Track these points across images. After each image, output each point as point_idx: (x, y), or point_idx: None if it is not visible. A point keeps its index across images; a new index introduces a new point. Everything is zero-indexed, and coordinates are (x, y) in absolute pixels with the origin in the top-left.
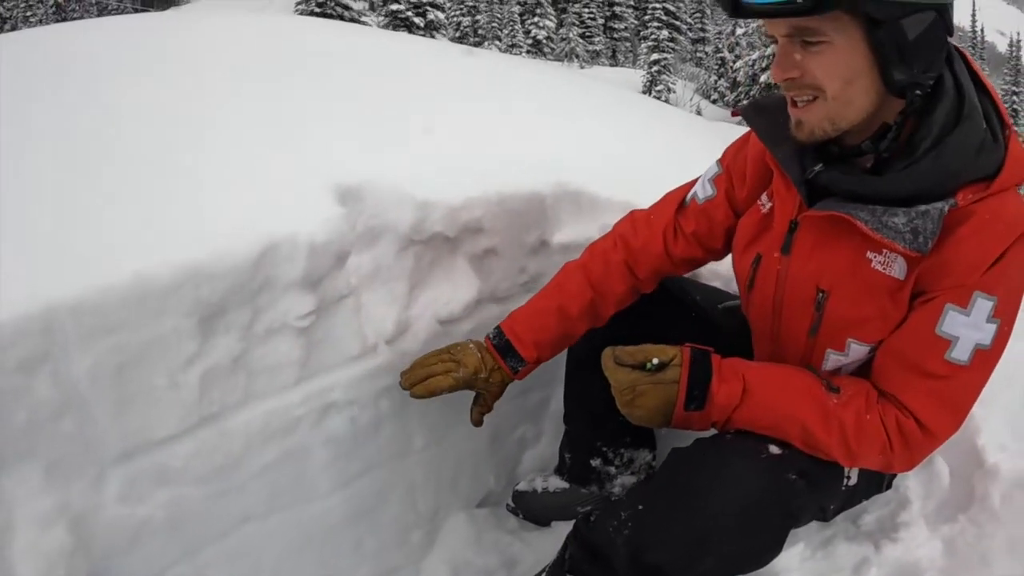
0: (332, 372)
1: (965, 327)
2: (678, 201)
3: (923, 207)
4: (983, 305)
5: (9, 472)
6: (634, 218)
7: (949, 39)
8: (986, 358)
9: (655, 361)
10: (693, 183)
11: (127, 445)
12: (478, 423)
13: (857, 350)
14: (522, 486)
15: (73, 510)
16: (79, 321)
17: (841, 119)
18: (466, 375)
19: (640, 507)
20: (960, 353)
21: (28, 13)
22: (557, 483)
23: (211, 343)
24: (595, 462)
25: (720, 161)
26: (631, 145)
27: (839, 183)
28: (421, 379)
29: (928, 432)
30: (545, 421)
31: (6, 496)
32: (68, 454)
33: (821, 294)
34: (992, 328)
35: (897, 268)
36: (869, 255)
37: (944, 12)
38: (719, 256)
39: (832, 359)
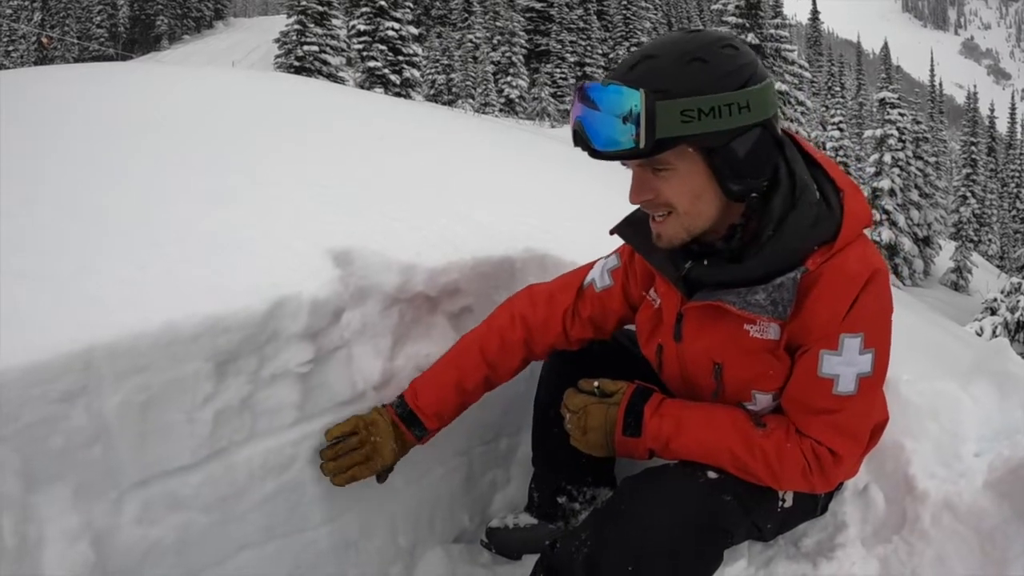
0: (326, 414)
1: (841, 365)
2: (577, 285)
3: (778, 280)
4: (851, 343)
5: (43, 491)
6: (533, 295)
7: (778, 134)
8: (871, 383)
9: (595, 384)
10: (589, 267)
11: (145, 473)
12: (383, 482)
13: (763, 399)
14: (494, 523)
15: (95, 528)
16: (114, 361)
17: (693, 228)
18: (384, 466)
19: (595, 528)
20: (845, 386)
21: (10, 48)
22: (527, 519)
23: (224, 385)
24: (561, 499)
25: (619, 254)
26: (590, 205)
27: (708, 276)
28: (344, 469)
29: (838, 456)
30: (514, 466)
31: (39, 512)
32: (94, 478)
33: (717, 366)
34: (868, 358)
35: (772, 331)
36: (746, 327)
37: (768, 124)
38: (608, 336)
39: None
